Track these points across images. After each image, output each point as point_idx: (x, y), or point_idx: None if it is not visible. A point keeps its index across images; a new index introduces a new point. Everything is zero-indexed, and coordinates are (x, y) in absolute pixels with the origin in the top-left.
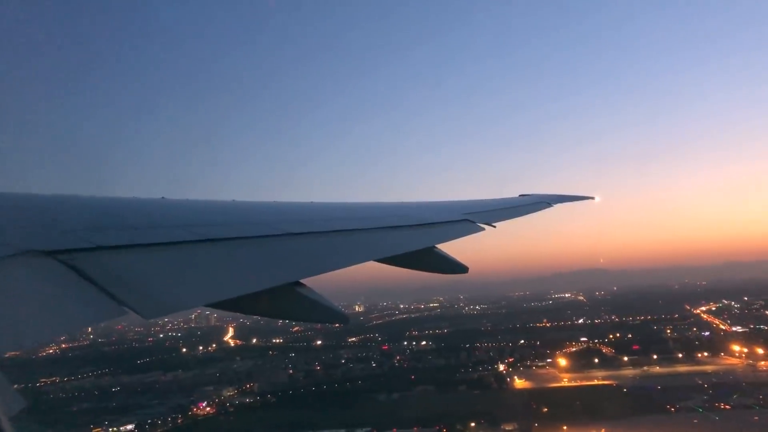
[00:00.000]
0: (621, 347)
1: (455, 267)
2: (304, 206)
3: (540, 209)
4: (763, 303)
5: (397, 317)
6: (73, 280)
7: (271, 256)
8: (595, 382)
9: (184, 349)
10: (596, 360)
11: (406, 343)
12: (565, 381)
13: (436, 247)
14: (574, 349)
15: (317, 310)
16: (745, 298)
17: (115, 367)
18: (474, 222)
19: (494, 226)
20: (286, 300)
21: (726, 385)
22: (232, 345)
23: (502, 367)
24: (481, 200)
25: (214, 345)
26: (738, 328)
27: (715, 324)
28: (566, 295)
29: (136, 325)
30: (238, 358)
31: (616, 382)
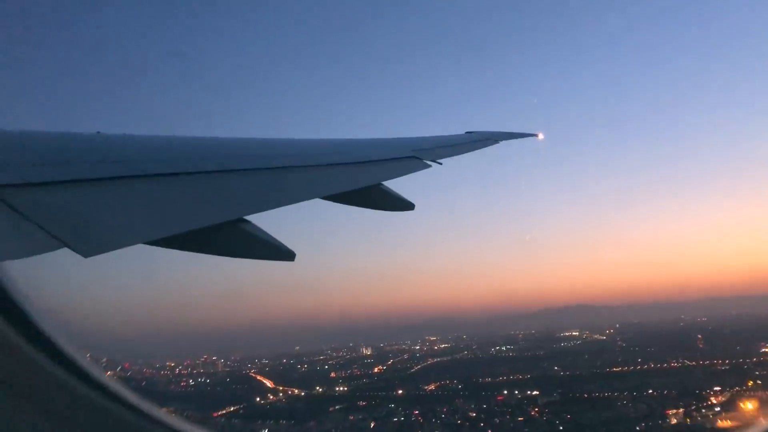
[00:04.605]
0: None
1: (402, 204)
2: (247, 142)
3: (487, 146)
4: None
5: (428, 362)
6: (5, 214)
7: (214, 193)
8: None
9: (271, 396)
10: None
11: (506, 392)
12: None
13: (383, 184)
14: (723, 398)
15: (264, 247)
16: None
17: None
18: (421, 159)
19: (440, 163)
20: (232, 237)
21: None
22: (300, 394)
23: (674, 420)
24: (428, 137)
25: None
26: None
27: None
28: (575, 332)
29: (146, 367)
30: (333, 408)
31: None
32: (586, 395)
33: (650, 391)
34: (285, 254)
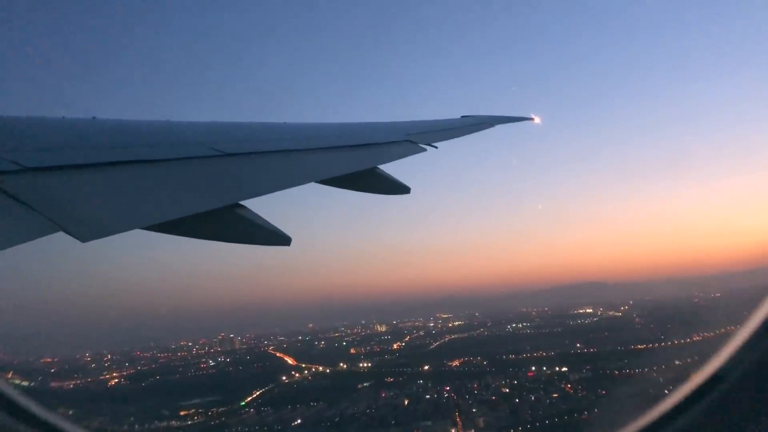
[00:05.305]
0: None
1: (397, 188)
2: (242, 126)
3: (481, 129)
4: None
5: (446, 339)
6: (1, 200)
7: (210, 178)
8: None
9: (296, 374)
10: None
11: (534, 367)
12: None
13: (378, 168)
14: None
15: (259, 232)
16: None
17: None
18: (416, 143)
19: (436, 147)
20: (228, 222)
21: None
22: (325, 371)
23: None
24: (424, 121)
25: (321, 368)
26: None
27: None
28: (589, 309)
29: (160, 351)
30: (361, 385)
31: None
32: (617, 372)
33: (677, 362)
34: (281, 239)
